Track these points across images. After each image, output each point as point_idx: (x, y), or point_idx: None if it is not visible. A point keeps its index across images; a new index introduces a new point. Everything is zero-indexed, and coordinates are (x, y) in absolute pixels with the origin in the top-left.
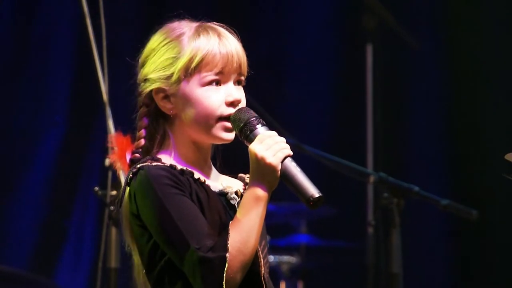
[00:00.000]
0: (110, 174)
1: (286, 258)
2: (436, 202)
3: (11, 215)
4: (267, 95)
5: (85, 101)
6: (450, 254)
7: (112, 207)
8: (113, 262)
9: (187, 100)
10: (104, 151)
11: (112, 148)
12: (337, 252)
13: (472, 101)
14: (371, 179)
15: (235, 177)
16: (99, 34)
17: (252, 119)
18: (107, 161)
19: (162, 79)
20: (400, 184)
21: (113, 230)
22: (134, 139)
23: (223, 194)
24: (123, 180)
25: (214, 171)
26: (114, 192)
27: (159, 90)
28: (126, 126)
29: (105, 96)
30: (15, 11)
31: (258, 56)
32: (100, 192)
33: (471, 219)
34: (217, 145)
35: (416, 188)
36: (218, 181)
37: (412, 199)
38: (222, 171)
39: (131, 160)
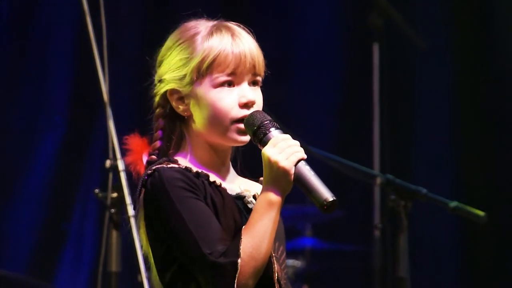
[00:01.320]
0: (110, 175)
1: (290, 261)
2: (444, 205)
3: (10, 217)
4: (272, 95)
5: (85, 101)
6: (458, 258)
7: (113, 210)
8: (114, 266)
9: (200, 102)
10: (104, 152)
11: (128, 150)
12: (343, 256)
13: (480, 101)
14: (378, 181)
15: (257, 180)
16: (99, 33)
17: (265, 122)
18: (108, 163)
19: (176, 80)
20: (407, 186)
21: (114, 233)
22: (151, 140)
23: (240, 198)
24: (124, 182)
25: (232, 173)
26: (114, 194)
27: (173, 91)
28: (126, 127)
29: (105, 96)
30: (15, 10)
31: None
32: (100, 194)
33: (480, 221)
34: (238, 147)
35: (424, 190)
36: (235, 184)
37: (420, 202)
38: (243, 173)
39: (147, 162)
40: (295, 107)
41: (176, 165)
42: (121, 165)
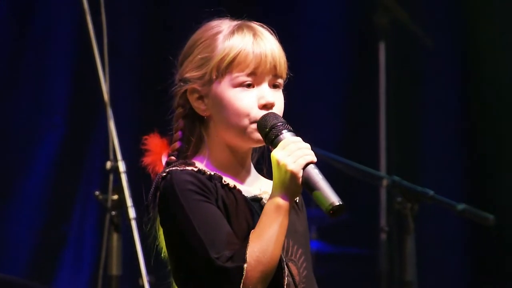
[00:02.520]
0: (111, 177)
1: None
2: (451, 207)
3: (9, 219)
4: None
5: (86, 102)
6: (466, 261)
7: (113, 212)
8: (115, 269)
9: (219, 102)
10: (105, 153)
11: (147, 150)
12: (349, 259)
13: (488, 102)
14: (384, 182)
15: None
16: (99, 32)
17: (278, 124)
18: (108, 164)
19: (196, 78)
20: (414, 188)
21: (114, 236)
22: (170, 141)
23: (256, 200)
24: (124, 184)
25: (252, 175)
26: (115, 197)
27: (193, 90)
28: (127, 127)
29: (106, 96)
30: (13, 8)
31: None
32: (101, 196)
33: (488, 224)
34: (264, 149)
35: (431, 192)
36: (255, 186)
37: (427, 204)
38: (270, 176)
39: (167, 163)
40: (299, 107)
41: (190, 168)
42: (121, 167)
